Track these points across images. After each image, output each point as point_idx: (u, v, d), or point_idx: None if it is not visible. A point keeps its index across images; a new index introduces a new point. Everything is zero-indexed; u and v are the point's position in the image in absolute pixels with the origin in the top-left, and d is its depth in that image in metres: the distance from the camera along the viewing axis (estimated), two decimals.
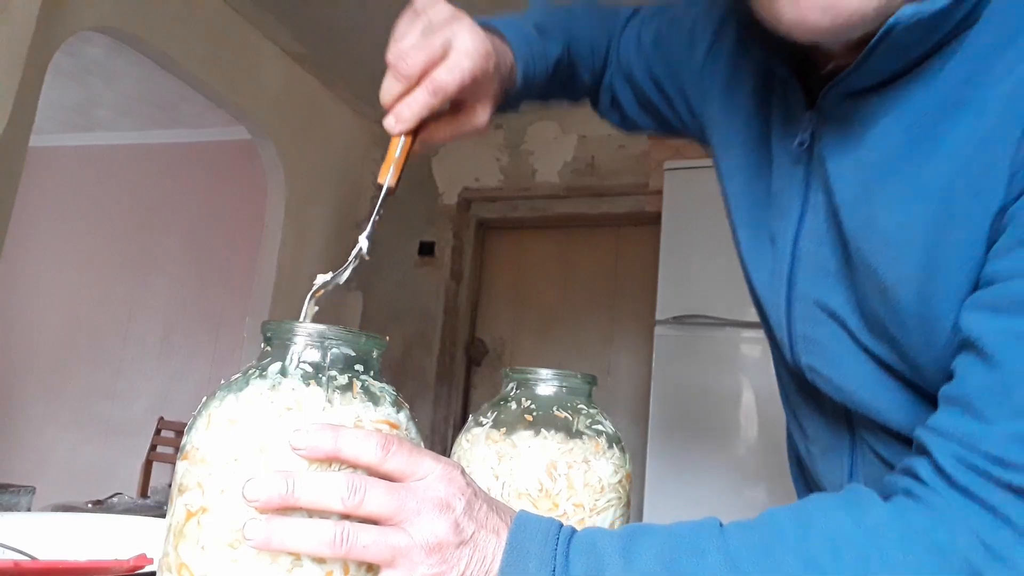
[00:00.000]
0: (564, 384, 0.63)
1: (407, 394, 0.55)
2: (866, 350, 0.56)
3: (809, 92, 0.57)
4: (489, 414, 0.63)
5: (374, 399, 0.48)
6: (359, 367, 0.49)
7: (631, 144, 3.57)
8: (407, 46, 0.58)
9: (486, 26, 0.67)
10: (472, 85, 0.61)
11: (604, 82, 0.87)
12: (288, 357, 0.48)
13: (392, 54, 0.59)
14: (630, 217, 3.71)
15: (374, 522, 0.43)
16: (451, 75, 0.58)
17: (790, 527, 0.44)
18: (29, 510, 0.87)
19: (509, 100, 0.73)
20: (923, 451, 0.45)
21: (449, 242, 3.91)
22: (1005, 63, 0.45)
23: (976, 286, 0.46)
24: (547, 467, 0.59)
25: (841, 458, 0.65)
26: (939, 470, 0.43)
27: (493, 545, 0.45)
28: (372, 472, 0.44)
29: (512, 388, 0.64)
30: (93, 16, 2.52)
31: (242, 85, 3.18)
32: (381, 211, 0.58)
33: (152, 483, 3.51)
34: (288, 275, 3.50)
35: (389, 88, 0.59)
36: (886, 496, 0.46)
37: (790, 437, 0.77)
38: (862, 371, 0.57)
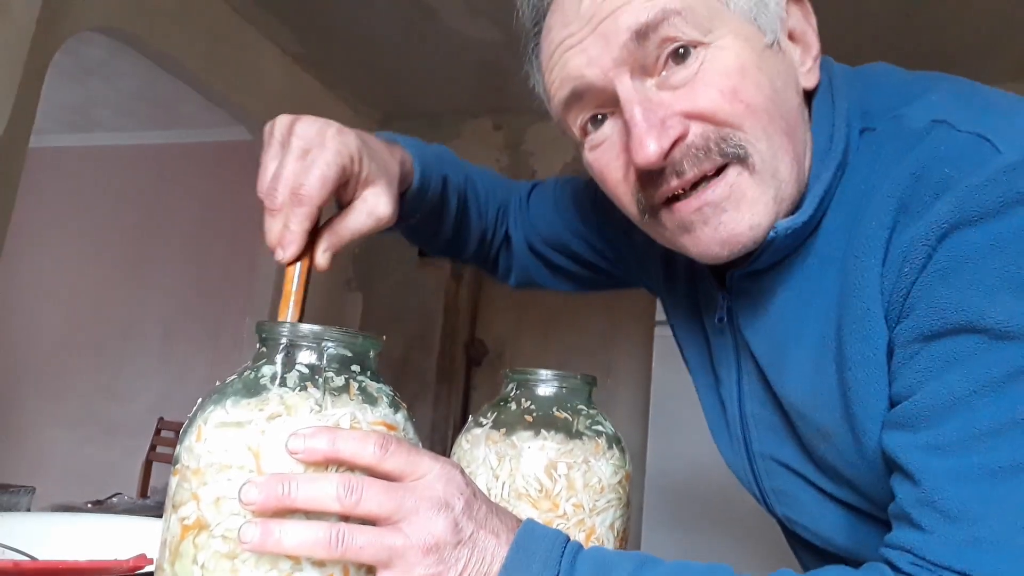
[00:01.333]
0: (564, 385, 0.63)
1: (407, 394, 0.54)
2: (831, 496, 0.60)
3: (719, 275, 0.64)
4: (489, 415, 0.63)
5: (371, 400, 0.47)
6: (356, 368, 0.48)
7: None
8: (268, 177, 0.56)
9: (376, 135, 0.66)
10: (348, 178, 0.57)
11: (514, 240, 0.87)
12: (283, 358, 0.47)
13: (260, 191, 0.56)
14: None
15: (372, 523, 0.43)
16: (311, 179, 0.54)
17: None
18: (29, 510, 0.86)
19: (408, 201, 0.70)
20: (888, 563, 0.47)
21: None
22: (851, 227, 0.53)
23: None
24: (547, 468, 0.59)
25: None
26: (902, 574, 0.45)
27: (493, 546, 0.45)
28: (371, 473, 0.44)
29: (512, 389, 0.64)
30: (93, 16, 2.52)
31: (242, 85, 3.18)
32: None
33: (152, 483, 3.51)
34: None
35: (269, 227, 0.56)
36: None
37: None
38: (832, 515, 0.61)
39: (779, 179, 0.53)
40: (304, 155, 0.56)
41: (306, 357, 0.47)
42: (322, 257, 0.58)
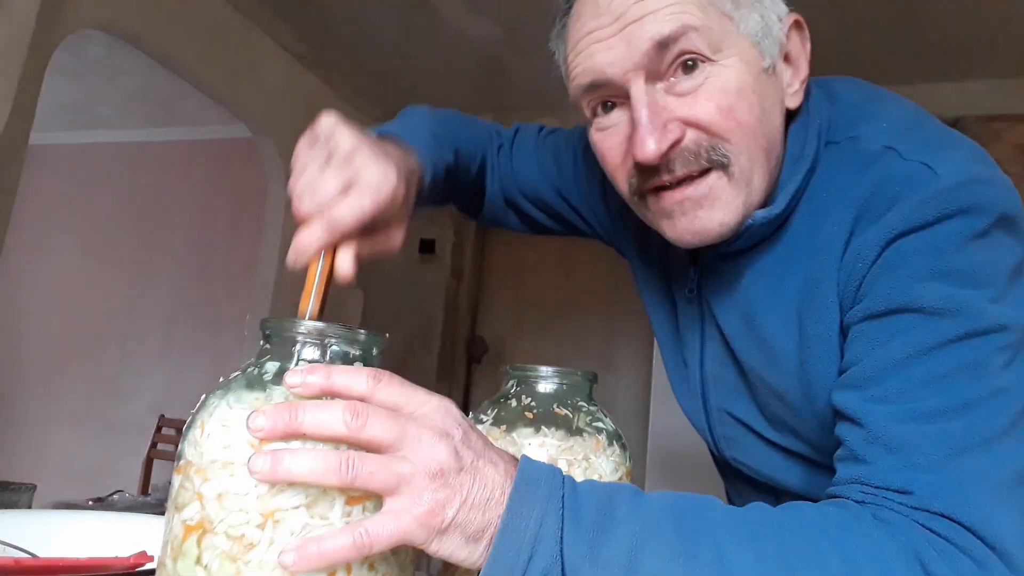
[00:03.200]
0: (565, 381, 0.63)
1: None
2: (771, 443, 0.73)
3: (692, 252, 0.73)
4: (490, 411, 0.63)
5: None
6: (359, 365, 0.48)
7: None
8: (306, 182, 0.58)
9: (386, 135, 0.70)
10: (378, 215, 0.60)
11: (489, 191, 0.93)
12: (287, 355, 0.47)
13: (292, 187, 0.59)
14: None
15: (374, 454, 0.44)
16: (350, 214, 0.57)
17: (780, 510, 0.51)
18: (30, 508, 0.87)
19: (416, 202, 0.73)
20: (835, 498, 0.55)
21: (450, 240, 3.91)
22: (814, 225, 0.63)
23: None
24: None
25: None
26: (856, 502, 0.53)
27: (493, 474, 0.46)
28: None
29: (513, 385, 0.64)
30: (93, 14, 2.52)
31: (242, 83, 3.17)
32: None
33: (153, 481, 3.52)
34: (288, 272, 3.49)
35: (297, 229, 0.58)
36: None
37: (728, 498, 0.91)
38: (776, 459, 0.74)
39: (751, 188, 0.63)
40: (347, 184, 0.58)
41: (310, 354, 0.47)
42: (348, 268, 0.60)
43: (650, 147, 0.59)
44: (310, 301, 0.56)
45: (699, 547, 0.46)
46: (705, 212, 0.62)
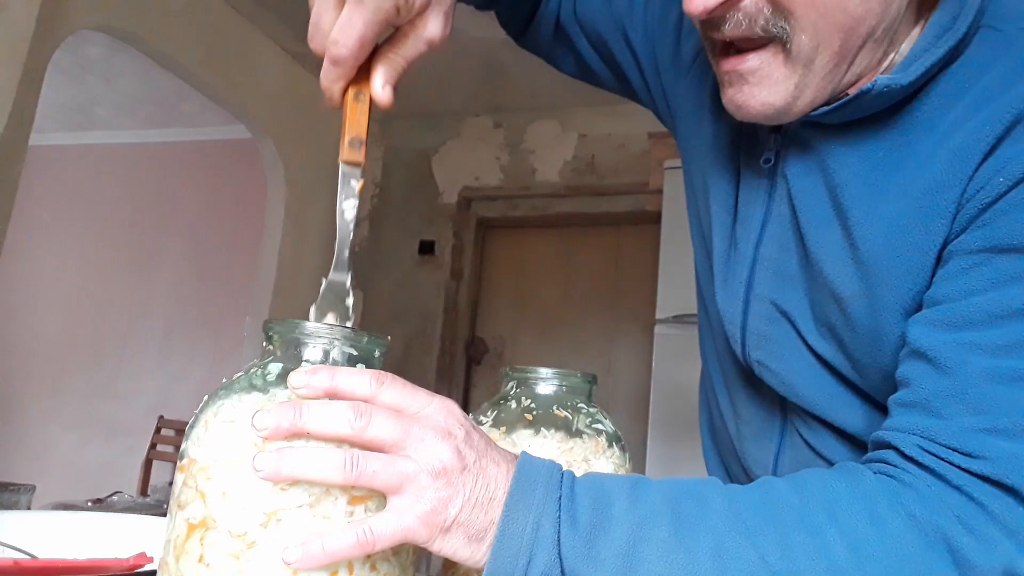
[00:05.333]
0: (564, 383, 0.63)
1: None
2: (811, 349, 0.63)
3: None
4: (489, 413, 0.63)
5: None
6: (361, 367, 0.48)
7: (631, 143, 3.57)
8: (313, 18, 0.54)
9: None
10: (391, 19, 0.54)
11: (542, 9, 0.83)
12: (290, 357, 0.48)
13: (308, 38, 0.55)
14: (630, 216, 3.70)
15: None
16: (345, 40, 0.52)
17: (788, 489, 0.48)
18: (29, 508, 0.87)
19: None
20: (886, 446, 0.50)
21: (449, 241, 3.91)
22: (951, 120, 0.53)
23: (919, 306, 0.54)
24: None
25: (771, 440, 0.71)
26: (906, 457, 0.48)
27: (495, 473, 0.46)
28: None
29: (512, 387, 0.64)
30: (93, 15, 2.52)
31: (242, 84, 3.17)
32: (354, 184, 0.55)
33: (152, 481, 3.52)
34: (288, 274, 3.50)
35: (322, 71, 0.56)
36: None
37: (708, 412, 0.84)
38: (807, 367, 0.64)
39: (810, 69, 0.54)
40: (341, 4, 0.53)
41: (312, 355, 0.48)
42: (383, 92, 0.57)
43: (696, 1, 0.51)
44: (344, 140, 0.55)
45: (697, 541, 0.45)
46: (749, 88, 0.56)
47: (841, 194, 0.58)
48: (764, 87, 0.55)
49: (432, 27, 0.57)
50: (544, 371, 0.63)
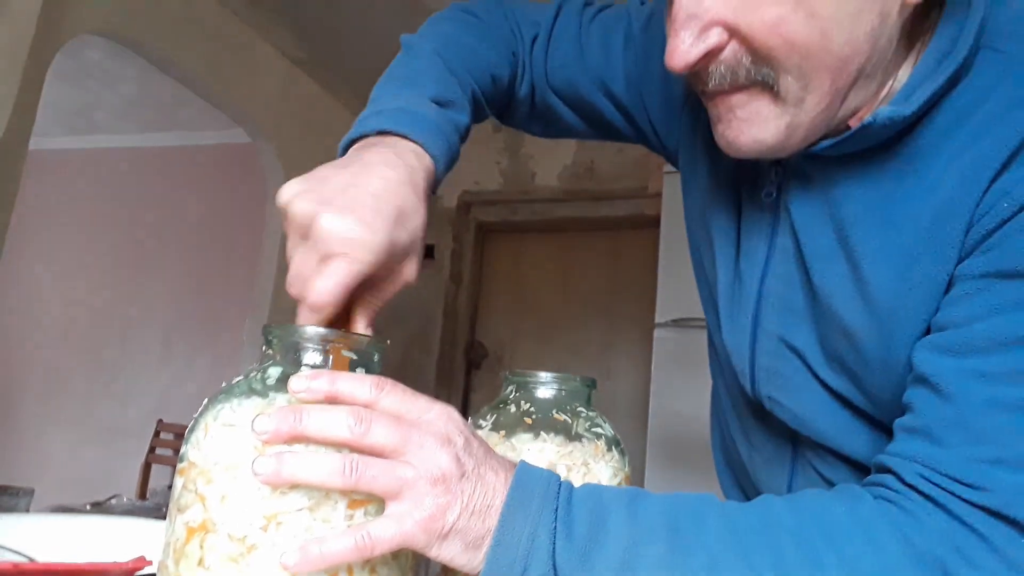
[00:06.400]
0: (564, 387, 0.63)
1: None
2: (823, 384, 0.62)
3: None
4: (488, 417, 0.63)
5: None
6: (361, 370, 0.49)
7: (630, 148, 3.57)
8: (292, 270, 0.54)
9: (386, 131, 0.61)
10: (375, 268, 0.53)
11: (517, 97, 0.82)
12: (290, 361, 0.48)
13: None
14: (629, 220, 3.71)
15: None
16: (326, 291, 0.51)
17: (786, 510, 0.48)
18: (28, 511, 0.87)
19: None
20: (886, 471, 0.50)
21: (449, 245, 3.91)
22: (956, 146, 0.52)
23: (927, 330, 0.53)
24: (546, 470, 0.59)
25: (782, 468, 0.71)
26: (907, 484, 0.48)
27: (493, 481, 0.46)
28: None
29: (512, 391, 0.64)
30: (93, 19, 2.53)
31: (241, 88, 3.18)
32: None
33: (151, 485, 3.50)
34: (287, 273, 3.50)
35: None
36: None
37: (720, 432, 0.84)
38: (819, 402, 0.63)
39: (801, 108, 0.52)
40: (322, 256, 0.52)
41: (312, 359, 0.48)
42: (365, 332, 0.57)
43: (677, 56, 0.51)
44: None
45: (692, 559, 0.45)
46: (738, 124, 0.54)
47: (848, 228, 0.57)
48: (754, 124, 0.54)
49: (409, 271, 0.58)
50: (543, 375, 0.63)
